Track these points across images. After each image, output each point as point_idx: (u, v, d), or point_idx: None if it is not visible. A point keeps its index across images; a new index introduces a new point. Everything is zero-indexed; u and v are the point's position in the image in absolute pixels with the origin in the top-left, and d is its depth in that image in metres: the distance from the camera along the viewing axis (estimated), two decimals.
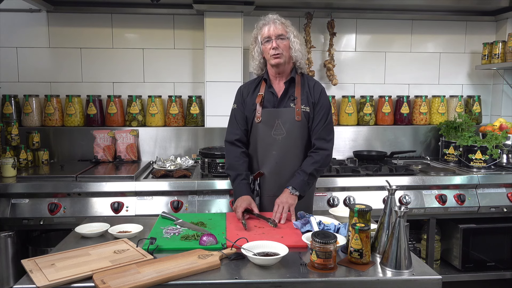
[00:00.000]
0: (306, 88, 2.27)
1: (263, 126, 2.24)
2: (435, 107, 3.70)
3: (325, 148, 2.21)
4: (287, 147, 2.22)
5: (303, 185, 2.14)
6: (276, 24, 2.19)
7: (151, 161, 3.35)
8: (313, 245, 1.50)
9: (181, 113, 3.49)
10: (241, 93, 2.35)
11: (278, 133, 2.23)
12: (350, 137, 3.60)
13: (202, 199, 2.74)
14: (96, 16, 3.45)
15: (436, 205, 2.89)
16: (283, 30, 2.19)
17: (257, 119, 2.24)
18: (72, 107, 3.37)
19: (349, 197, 2.83)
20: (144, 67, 3.55)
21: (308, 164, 2.18)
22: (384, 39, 3.73)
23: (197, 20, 3.48)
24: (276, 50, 2.17)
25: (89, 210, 2.66)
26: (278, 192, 2.18)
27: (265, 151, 2.25)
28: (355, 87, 3.75)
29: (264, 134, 2.24)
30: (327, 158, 2.22)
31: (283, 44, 2.18)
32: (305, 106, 2.23)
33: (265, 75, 2.31)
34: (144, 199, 2.71)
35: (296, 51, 2.22)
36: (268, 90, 2.28)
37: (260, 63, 2.30)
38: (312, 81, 2.31)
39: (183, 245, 1.70)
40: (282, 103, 2.26)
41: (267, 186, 2.26)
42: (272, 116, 2.23)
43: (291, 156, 2.23)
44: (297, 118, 2.21)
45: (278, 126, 2.22)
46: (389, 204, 1.65)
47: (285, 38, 2.19)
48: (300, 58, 2.25)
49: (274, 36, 2.17)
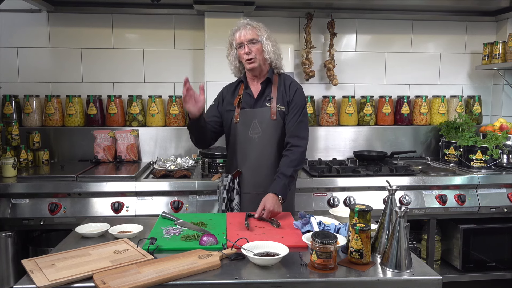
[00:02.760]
0: (282, 87, 2.33)
1: (241, 126, 2.32)
2: (436, 107, 3.70)
3: (299, 145, 2.24)
4: (264, 145, 2.29)
5: (286, 190, 2.18)
6: (246, 29, 2.26)
7: (152, 161, 3.35)
8: (313, 245, 1.50)
9: (181, 113, 3.49)
10: (221, 94, 2.45)
11: (254, 132, 2.29)
12: (351, 137, 3.59)
13: (202, 199, 2.74)
14: (97, 16, 3.45)
15: (437, 205, 2.89)
16: (254, 34, 2.26)
17: (236, 119, 2.32)
18: (73, 107, 3.37)
19: (350, 197, 2.83)
20: (145, 67, 3.55)
21: (286, 166, 2.19)
22: (385, 39, 3.73)
23: (197, 20, 3.49)
24: (249, 55, 2.25)
25: (90, 210, 2.66)
26: (256, 190, 2.26)
27: (243, 150, 2.32)
28: (355, 87, 3.75)
29: (242, 134, 2.31)
30: (302, 155, 2.25)
31: (255, 48, 2.25)
32: (280, 105, 2.29)
33: (243, 77, 2.39)
34: (144, 199, 2.71)
35: (269, 53, 2.28)
36: (245, 92, 2.36)
37: (236, 67, 2.40)
38: (288, 80, 2.37)
39: (183, 245, 1.70)
40: (258, 103, 2.32)
41: (245, 184, 2.32)
42: (249, 116, 2.31)
43: (267, 154, 2.29)
44: (272, 117, 2.28)
45: (254, 125, 2.29)
46: (389, 204, 1.65)
47: (257, 41, 2.26)
48: (274, 59, 2.32)
49: (246, 41, 2.25)
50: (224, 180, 2.33)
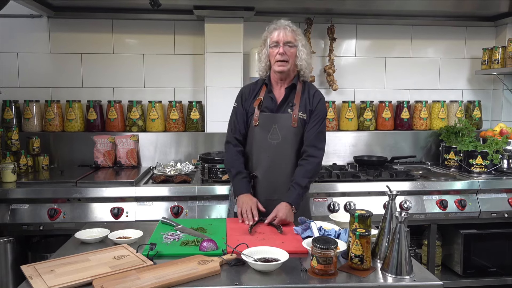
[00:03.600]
0: (306, 95, 2.29)
1: (259, 130, 2.27)
2: (436, 112, 3.71)
3: (316, 155, 2.22)
4: (281, 152, 2.25)
5: (299, 200, 2.17)
6: (286, 31, 2.21)
7: (151, 166, 3.35)
8: (313, 251, 1.49)
9: (181, 118, 3.49)
10: (241, 94, 2.39)
11: (273, 138, 2.25)
12: (351, 142, 3.60)
13: (202, 205, 2.74)
14: (97, 22, 3.46)
15: (437, 210, 2.88)
16: (293, 37, 2.21)
17: (255, 122, 2.28)
18: (72, 112, 3.38)
19: (350, 203, 2.83)
20: (145, 73, 3.56)
21: (301, 176, 2.18)
22: (384, 45, 3.75)
23: (197, 26, 3.50)
24: (282, 56, 2.19)
25: (89, 216, 2.65)
26: (270, 196, 2.23)
27: (259, 154, 2.28)
28: (355, 92, 3.76)
29: (260, 137, 2.27)
30: (318, 166, 2.23)
31: (290, 52, 2.21)
32: (302, 113, 2.26)
33: (267, 79, 2.33)
34: (144, 204, 2.71)
35: (302, 60, 2.25)
36: (268, 95, 2.30)
37: (266, 65, 2.33)
38: (313, 89, 2.33)
39: (183, 251, 1.70)
40: (280, 109, 2.28)
41: (259, 189, 2.29)
42: (269, 121, 2.26)
43: (284, 161, 2.26)
44: (293, 124, 2.24)
45: (274, 131, 2.25)
46: (389, 209, 1.65)
47: (293, 45, 2.22)
48: (305, 67, 2.28)
49: (282, 42, 2.20)
50: None
